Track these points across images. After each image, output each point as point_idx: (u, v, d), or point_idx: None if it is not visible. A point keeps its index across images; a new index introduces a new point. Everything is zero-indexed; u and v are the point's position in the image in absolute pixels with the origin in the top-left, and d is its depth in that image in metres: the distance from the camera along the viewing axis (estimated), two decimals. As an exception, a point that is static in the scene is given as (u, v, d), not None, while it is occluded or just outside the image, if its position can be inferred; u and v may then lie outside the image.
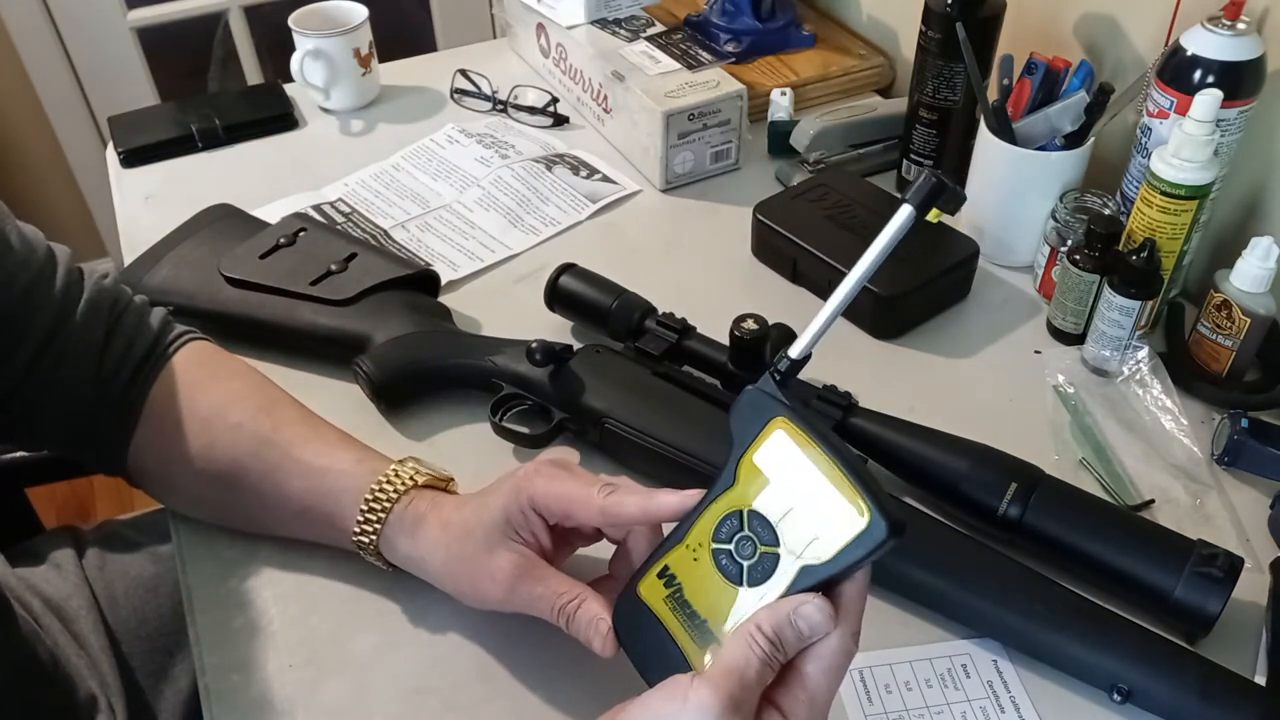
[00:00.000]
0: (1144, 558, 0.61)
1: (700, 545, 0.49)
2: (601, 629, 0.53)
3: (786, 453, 0.47)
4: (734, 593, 0.47)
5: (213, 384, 0.67)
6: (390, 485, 0.61)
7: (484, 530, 0.56)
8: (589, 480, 0.55)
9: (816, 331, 0.51)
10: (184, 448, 0.65)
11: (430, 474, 0.62)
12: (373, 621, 0.64)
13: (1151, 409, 0.75)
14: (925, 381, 0.80)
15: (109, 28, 1.86)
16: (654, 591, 0.51)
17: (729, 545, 0.48)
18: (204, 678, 0.61)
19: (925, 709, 0.59)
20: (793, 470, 0.47)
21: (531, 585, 0.56)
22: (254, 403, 0.67)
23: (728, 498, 0.49)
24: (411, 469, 0.62)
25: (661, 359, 0.74)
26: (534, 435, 0.73)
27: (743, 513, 0.48)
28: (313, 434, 0.65)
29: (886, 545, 0.44)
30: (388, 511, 0.60)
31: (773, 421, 0.48)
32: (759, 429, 0.48)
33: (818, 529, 0.45)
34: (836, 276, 0.83)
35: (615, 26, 1.09)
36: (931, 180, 0.49)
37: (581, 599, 0.54)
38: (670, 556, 0.50)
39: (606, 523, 0.55)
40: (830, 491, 0.45)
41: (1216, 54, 0.73)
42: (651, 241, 0.95)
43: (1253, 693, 0.56)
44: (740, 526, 0.48)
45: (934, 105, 0.92)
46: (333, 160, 1.05)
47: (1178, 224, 0.75)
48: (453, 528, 0.58)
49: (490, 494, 0.58)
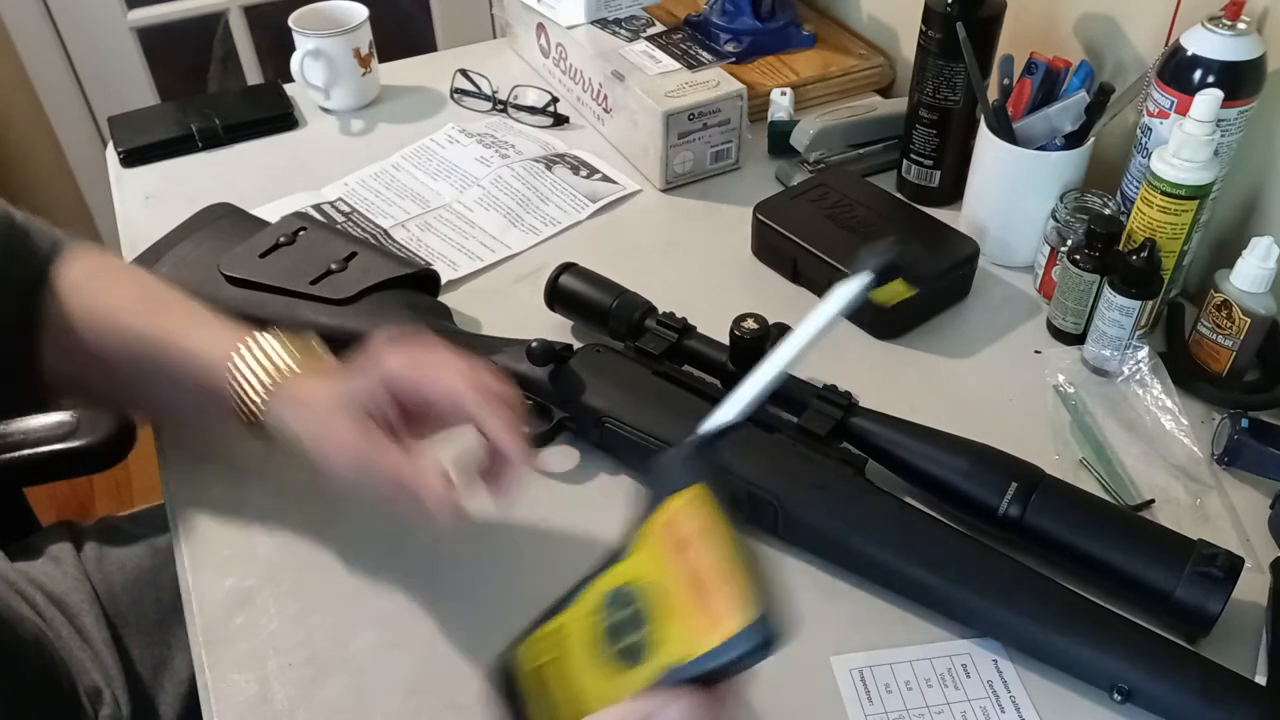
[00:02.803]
0: (1144, 557, 0.61)
1: (582, 617, 0.46)
2: (435, 509, 0.55)
3: (688, 530, 0.43)
4: (603, 674, 0.44)
5: (102, 293, 0.68)
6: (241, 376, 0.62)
7: (340, 404, 0.59)
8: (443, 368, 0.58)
9: (747, 398, 0.47)
10: (85, 359, 0.66)
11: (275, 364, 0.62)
12: (373, 621, 0.64)
13: (1151, 409, 0.75)
14: (925, 381, 0.80)
15: (109, 28, 1.86)
16: (530, 656, 0.48)
17: (607, 622, 0.45)
18: (204, 677, 0.61)
19: (925, 709, 0.59)
20: (690, 550, 0.42)
21: (377, 455, 0.57)
22: (138, 306, 0.67)
23: (619, 570, 0.45)
24: (255, 358, 0.62)
25: (661, 359, 0.74)
26: (534, 435, 0.73)
27: (627, 589, 0.44)
28: (191, 323, 0.66)
29: (754, 658, 0.39)
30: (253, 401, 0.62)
31: (683, 492, 0.44)
32: (666, 497, 0.44)
33: (694, 621, 0.41)
34: (837, 276, 0.84)
35: (615, 26, 1.09)
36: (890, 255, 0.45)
37: (420, 470, 0.56)
38: (553, 623, 0.48)
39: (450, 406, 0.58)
40: (719, 583, 0.41)
41: (1217, 54, 0.73)
42: (651, 241, 0.95)
43: (1253, 693, 0.56)
44: (622, 603, 0.44)
45: (934, 105, 0.92)
46: (333, 160, 1.05)
47: (1178, 224, 0.75)
48: (313, 406, 0.60)
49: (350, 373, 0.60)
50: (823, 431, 0.68)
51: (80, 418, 0.93)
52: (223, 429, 0.65)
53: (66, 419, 0.93)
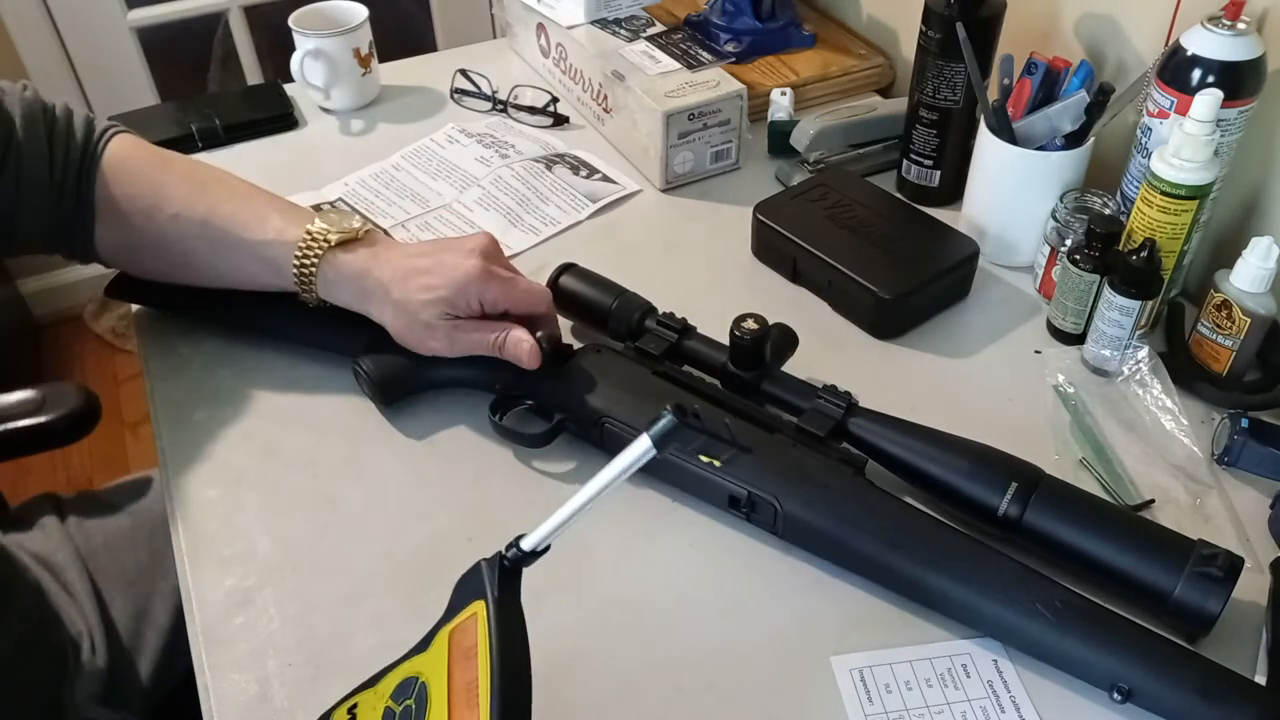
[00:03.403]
0: (1144, 557, 0.61)
1: (381, 697, 0.49)
2: (524, 348, 0.70)
3: (471, 642, 0.47)
4: None
5: (145, 177, 0.75)
6: (310, 250, 0.72)
7: (424, 310, 0.70)
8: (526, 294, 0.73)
9: (556, 524, 0.48)
10: (137, 237, 0.75)
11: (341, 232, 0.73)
12: (373, 621, 0.64)
13: (1151, 409, 0.75)
14: (925, 381, 0.80)
15: (109, 28, 1.86)
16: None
17: (398, 708, 0.48)
18: (204, 677, 0.61)
19: (925, 709, 0.59)
20: (465, 659, 0.46)
21: (468, 336, 0.71)
22: (185, 190, 0.74)
23: (417, 661, 0.49)
24: (323, 232, 0.72)
25: (661, 359, 0.74)
26: (534, 435, 0.73)
27: (418, 681, 0.47)
28: (243, 207, 0.74)
29: None
30: (314, 272, 0.72)
31: (475, 604, 0.47)
32: (464, 606, 0.48)
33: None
34: (836, 276, 0.84)
35: (615, 26, 1.09)
36: (672, 422, 0.47)
37: (507, 331, 0.71)
38: (360, 696, 0.51)
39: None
40: (473, 698, 0.44)
41: (1216, 54, 0.73)
42: (651, 241, 0.95)
43: (1253, 692, 0.56)
44: (410, 694, 0.47)
45: (934, 105, 0.92)
46: (333, 160, 1.05)
47: (1178, 224, 0.75)
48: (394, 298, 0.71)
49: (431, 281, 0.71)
50: (823, 431, 0.68)
51: (46, 394, 0.96)
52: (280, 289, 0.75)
53: (32, 395, 0.96)
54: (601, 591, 0.65)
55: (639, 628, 0.63)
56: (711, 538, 0.68)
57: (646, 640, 0.63)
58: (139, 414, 1.97)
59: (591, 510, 0.48)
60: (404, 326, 0.72)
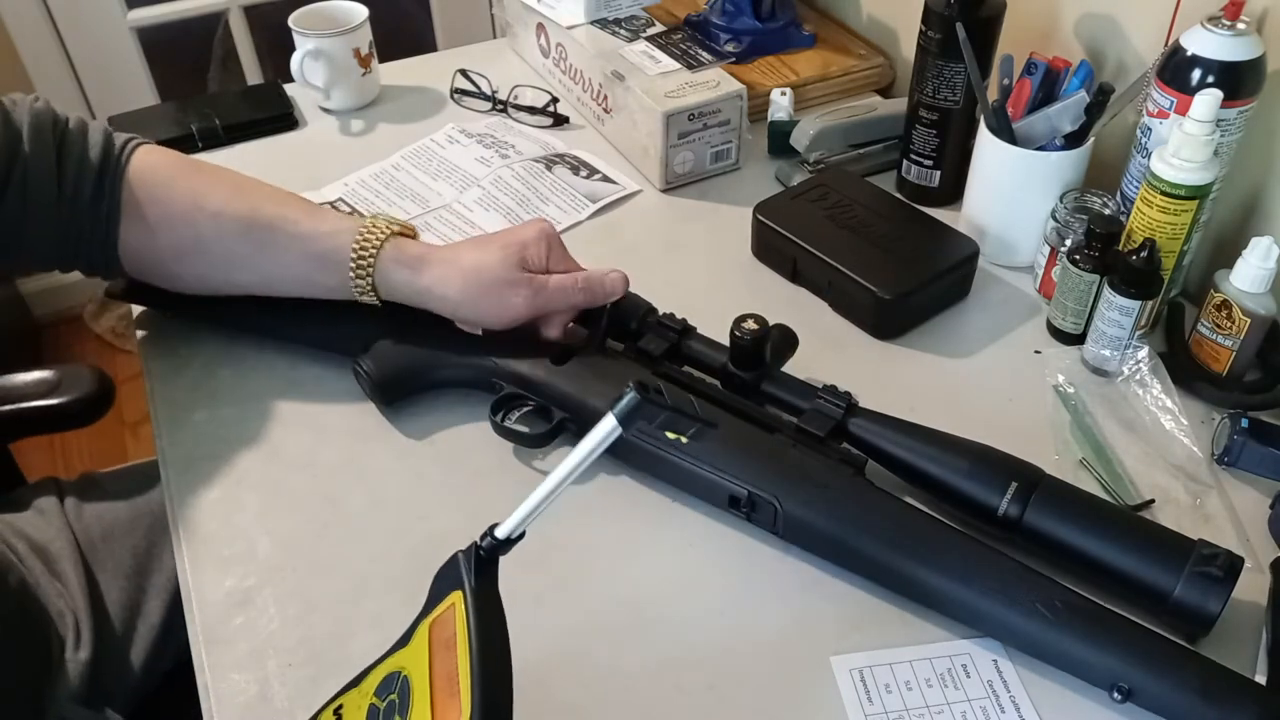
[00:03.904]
0: (1144, 557, 0.61)
1: (365, 695, 0.50)
2: (609, 280, 0.74)
3: (450, 632, 0.47)
4: None
5: (179, 181, 0.74)
6: (372, 234, 0.72)
7: (502, 266, 0.72)
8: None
9: (527, 511, 0.48)
10: (173, 242, 0.73)
11: (399, 224, 0.74)
12: (373, 621, 0.64)
13: (1151, 409, 0.75)
14: (925, 381, 0.80)
15: (109, 28, 1.86)
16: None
17: (381, 704, 0.48)
18: (204, 677, 0.61)
19: (925, 709, 0.59)
20: (445, 651, 0.46)
21: (547, 293, 0.72)
22: (224, 190, 0.74)
23: (399, 657, 0.49)
24: (384, 221, 0.74)
25: (661, 359, 0.74)
26: (534, 435, 0.73)
27: (401, 676, 0.48)
28: (289, 206, 0.74)
29: None
30: (375, 256, 0.72)
31: (453, 595, 0.48)
32: (442, 598, 0.48)
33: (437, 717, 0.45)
34: (836, 276, 0.84)
35: (615, 26, 1.09)
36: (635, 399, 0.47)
37: (586, 277, 0.74)
38: (346, 696, 0.51)
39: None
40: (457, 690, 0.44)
41: (1216, 54, 0.73)
42: (651, 241, 0.95)
43: (1253, 692, 0.56)
44: (393, 689, 0.48)
45: (934, 105, 0.92)
46: (333, 160, 1.05)
47: (1178, 224, 0.75)
48: (463, 265, 0.72)
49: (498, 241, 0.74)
50: (823, 431, 0.68)
51: (62, 376, 0.96)
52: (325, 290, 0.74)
53: (49, 375, 0.96)
54: (601, 591, 0.65)
55: (639, 628, 0.63)
56: (711, 538, 0.68)
57: (646, 640, 0.63)
58: (139, 414, 1.96)
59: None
60: (478, 293, 0.71)
